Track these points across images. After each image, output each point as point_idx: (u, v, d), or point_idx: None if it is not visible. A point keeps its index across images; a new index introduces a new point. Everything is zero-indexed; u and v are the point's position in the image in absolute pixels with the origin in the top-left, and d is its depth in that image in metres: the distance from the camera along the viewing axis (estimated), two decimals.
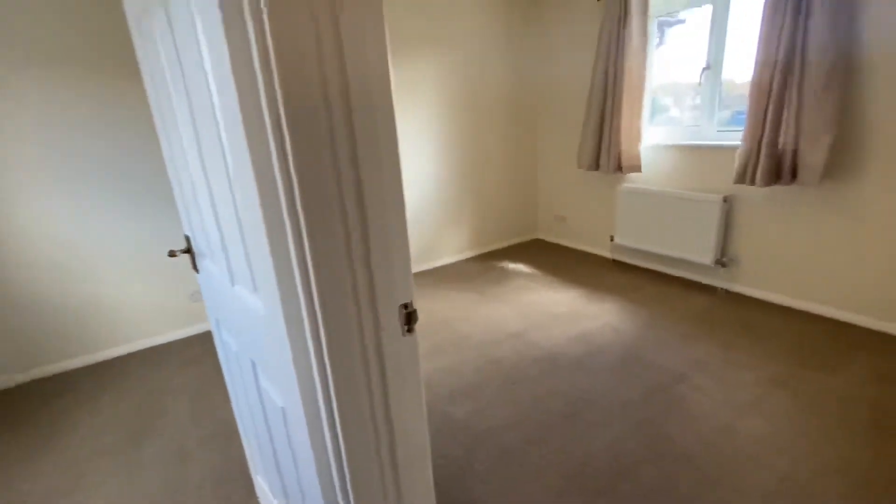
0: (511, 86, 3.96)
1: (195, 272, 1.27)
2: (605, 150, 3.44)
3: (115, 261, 2.64)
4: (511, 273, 3.69)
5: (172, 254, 1.18)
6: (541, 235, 4.58)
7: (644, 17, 3.08)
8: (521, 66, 3.97)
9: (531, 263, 3.89)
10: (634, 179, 3.48)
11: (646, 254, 3.55)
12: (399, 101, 3.38)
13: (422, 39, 3.37)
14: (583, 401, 2.06)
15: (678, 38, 3.21)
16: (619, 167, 3.41)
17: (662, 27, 3.24)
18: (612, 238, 3.67)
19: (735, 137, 2.86)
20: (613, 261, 3.81)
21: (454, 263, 4.00)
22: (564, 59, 3.82)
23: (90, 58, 2.38)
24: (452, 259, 4.04)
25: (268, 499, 1.39)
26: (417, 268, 3.84)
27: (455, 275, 3.73)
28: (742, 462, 1.67)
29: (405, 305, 0.69)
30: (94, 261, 2.58)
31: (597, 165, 3.57)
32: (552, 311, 2.96)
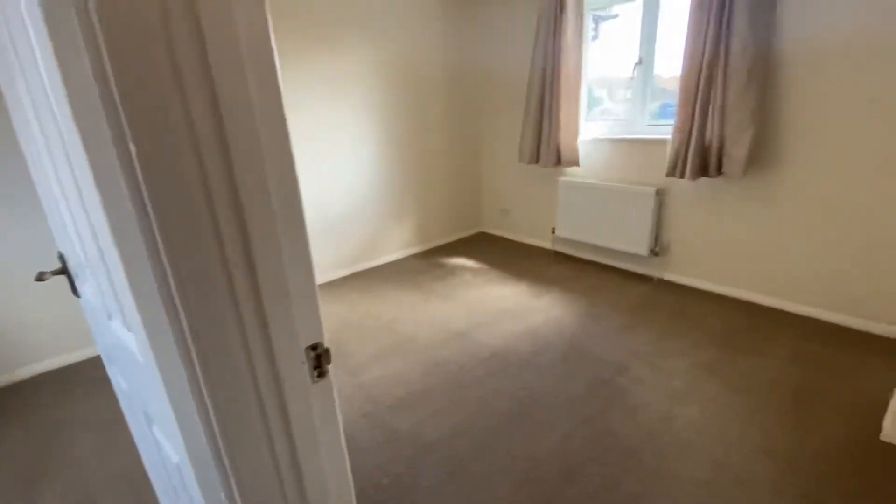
0: (451, 76, 3.86)
1: (77, 297, 1.07)
2: (545, 144, 3.45)
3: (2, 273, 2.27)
4: (456, 269, 3.63)
5: (41, 277, 0.97)
6: (485, 229, 4.56)
7: (579, 11, 3.08)
8: (461, 56, 3.88)
9: (476, 258, 3.85)
10: (573, 173, 3.52)
11: (586, 245, 3.62)
12: (332, 94, 3.18)
13: (352, 26, 3.18)
14: (530, 399, 2.04)
15: (612, 33, 3.25)
16: (559, 161, 3.43)
17: (597, 21, 3.27)
18: (554, 230, 3.70)
19: (665, 131, 2.95)
20: (556, 252, 3.85)
21: (398, 260, 3.88)
22: (504, 49, 3.78)
23: None
24: (396, 256, 3.91)
25: None
26: (358, 267, 3.67)
27: (399, 272, 3.61)
28: (680, 451, 1.71)
29: (313, 347, 0.57)
30: None
31: (537, 159, 3.58)
32: (498, 307, 2.93)
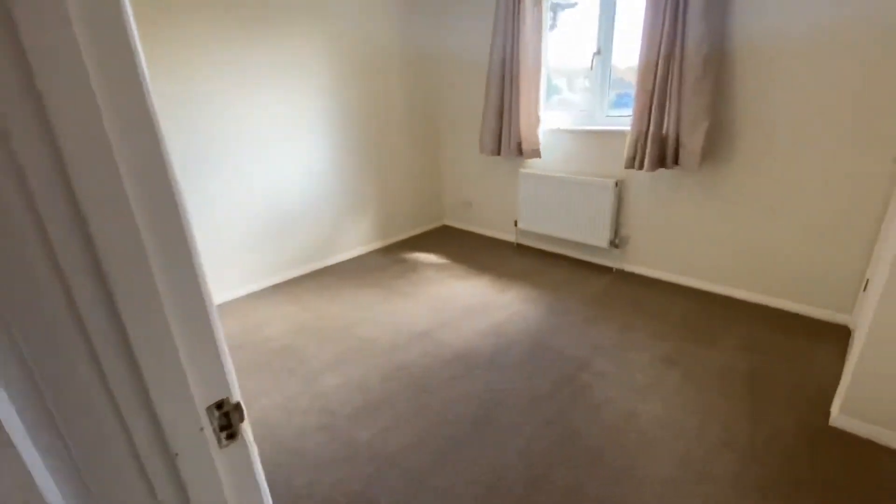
0: (409, 63, 3.70)
1: None
2: (506, 135, 3.38)
3: None
4: (418, 264, 3.53)
5: None
6: (448, 222, 4.47)
7: None
8: (419, 43, 3.72)
9: (439, 252, 3.76)
10: (534, 165, 3.48)
11: (548, 238, 3.60)
12: (283, 83, 2.96)
13: (302, 9, 2.96)
14: (493, 402, 1.98)
15: (570, 22, 3.20)
16: (520, 152, 3.37)
17: (556, 10, 3.21)
18: (517, 223, 3.66)
19: (624, 122, 2.95)
20: (519, 245, 3.82)
21: (358, 257, 3.72)
22: (464, 37, 3.66)
23: None
24: (355, 252, 3.76)
25: None
26: (315, 265, 3.50)
27: (358, 270, 3.47)
28: (644, 449, 1.70)
29: (218, 405, 0.46)
30: None
31: (499, 150, 3.51)
32: (462, 304, 2.86)
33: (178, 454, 0.43)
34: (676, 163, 2.65)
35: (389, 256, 3.71)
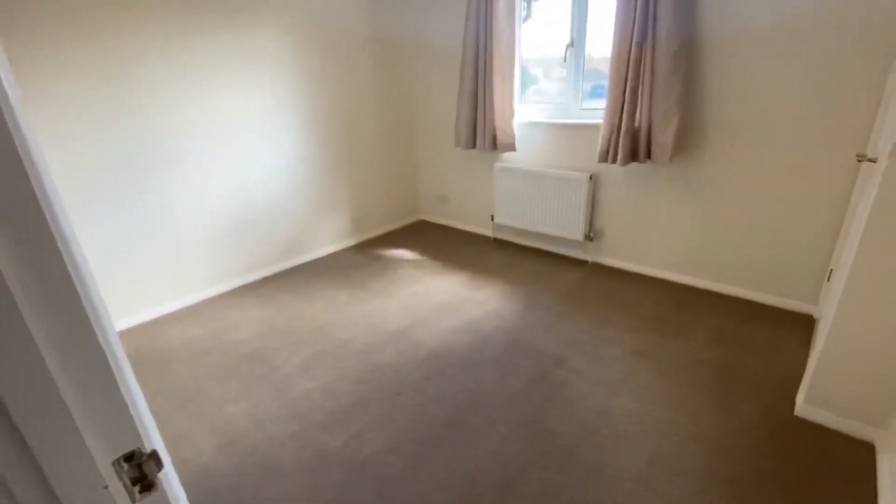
0: (379, 53, 3.60)
1: None
2: (481, 128, 3.33)
3: None
4: (394, 261, 3.47)
5: None
6: (424, 217, 4.41)
7: None
8: (390, 33, 3.62)
9: (415, 248, 3.71)
10: (509, 158, 3.44)
11: (524, 232, 3.59)
12: (248, 76, 2.83)
13: None
14: (468, 403, 1.96)
15: (544, 13, 3.16)
16: (495, 145, 3.33)
17: (529, 0, 3.16)
18: (493, 217, 3.64)
19: (598, 115, 2.93)
20: (495, 240, 3.80)
21: (332, 254, 3.64)
22: (436, 25, 3.57)
23: None
24: (329, 249, 3.67)
25: None
26: (287, 263, 3.41)
27: (332, 268, 3.39)
28: (617, 445, 1.71)
29: (128, 457, 0.41)
30: None
31: (473, 143, 3.46)
32: (437, 301, 2.82)
33: None
34: (649, 157, 2.65)
35: (364, 253, 3.64)
